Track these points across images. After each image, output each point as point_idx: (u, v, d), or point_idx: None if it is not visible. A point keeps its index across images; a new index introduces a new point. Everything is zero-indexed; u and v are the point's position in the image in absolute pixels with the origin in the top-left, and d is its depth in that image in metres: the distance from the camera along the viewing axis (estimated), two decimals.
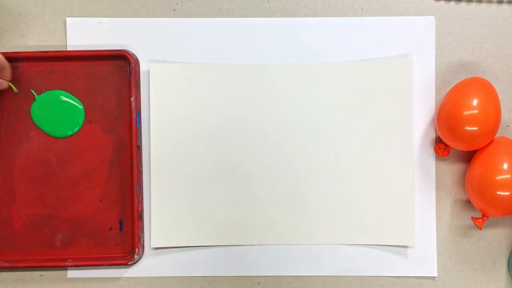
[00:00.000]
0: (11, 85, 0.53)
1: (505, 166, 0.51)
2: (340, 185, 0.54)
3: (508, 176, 0.50)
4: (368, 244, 0.55)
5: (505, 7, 0.55)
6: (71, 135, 0.54)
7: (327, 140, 0.54)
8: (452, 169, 0.55)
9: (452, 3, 0.55)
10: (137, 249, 0.53)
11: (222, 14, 0.55)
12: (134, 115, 0.53)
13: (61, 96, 0.54)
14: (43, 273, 0.55)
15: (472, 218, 0.53)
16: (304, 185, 0.54)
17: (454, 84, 0.54)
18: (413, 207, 0.55)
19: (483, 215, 0.52)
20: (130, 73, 0.54)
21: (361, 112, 0.54)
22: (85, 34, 0.55)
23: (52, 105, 0.54)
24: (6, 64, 0.51)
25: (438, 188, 0.55)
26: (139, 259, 0.54)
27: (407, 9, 0.55)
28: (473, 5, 0.55)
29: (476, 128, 0.50)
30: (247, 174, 0.54)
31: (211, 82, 0.54)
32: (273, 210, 0.54)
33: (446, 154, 0.54)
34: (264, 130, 0.55)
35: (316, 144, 0.54)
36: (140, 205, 0.54)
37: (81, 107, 0.54)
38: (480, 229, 0.53)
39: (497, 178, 0.50)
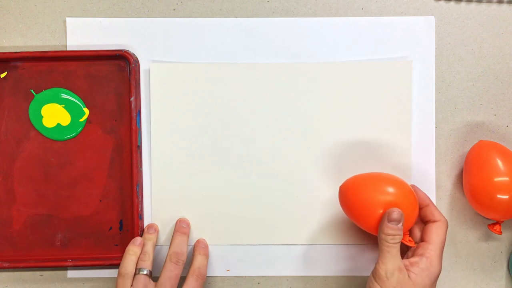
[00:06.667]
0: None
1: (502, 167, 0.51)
2: (340, 185, 0.54)
3: (507, 178, 0.50)
4: (368, 244, 0.55)
5: (505, 7, 0.55)
6: (73, 137, 0.55)
7: (327, 140, 0.54)
8: (452, 169, 0.55)
9: (452, 3, 0.55)
10: None
11: (222, 14, 0.55)
12: (134, 115, 0.53)
13: (61, 94, 0.54)
14: (43, 273, 0.55)
15: (489, 226, 0.52)
16: (304, 185, 0.54)
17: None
18: None
19: (497, 221, 0.52)
20: (130, 73, 0.54)
21: (361, 112, 0.54)
22: (85, 34, 0.55)
23: (51, 103, 0.54)
24: None
25: (438, 188, 0.55)
26: None
27: (407, 9, 0.55)
28: (473, 5, 0.55)
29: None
30: (247, 174, 0.54)
31: (211, 82, 0.54)
32: (273, 210, 0.54)
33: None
34: (265, 130, 0.55)
35: (316, 143, 0.54)
36: (140, 205, 0.54)
37: (81, 105, 0.54)
38: (500, 234, 0.52)
39: (496, 180, 0.50)
